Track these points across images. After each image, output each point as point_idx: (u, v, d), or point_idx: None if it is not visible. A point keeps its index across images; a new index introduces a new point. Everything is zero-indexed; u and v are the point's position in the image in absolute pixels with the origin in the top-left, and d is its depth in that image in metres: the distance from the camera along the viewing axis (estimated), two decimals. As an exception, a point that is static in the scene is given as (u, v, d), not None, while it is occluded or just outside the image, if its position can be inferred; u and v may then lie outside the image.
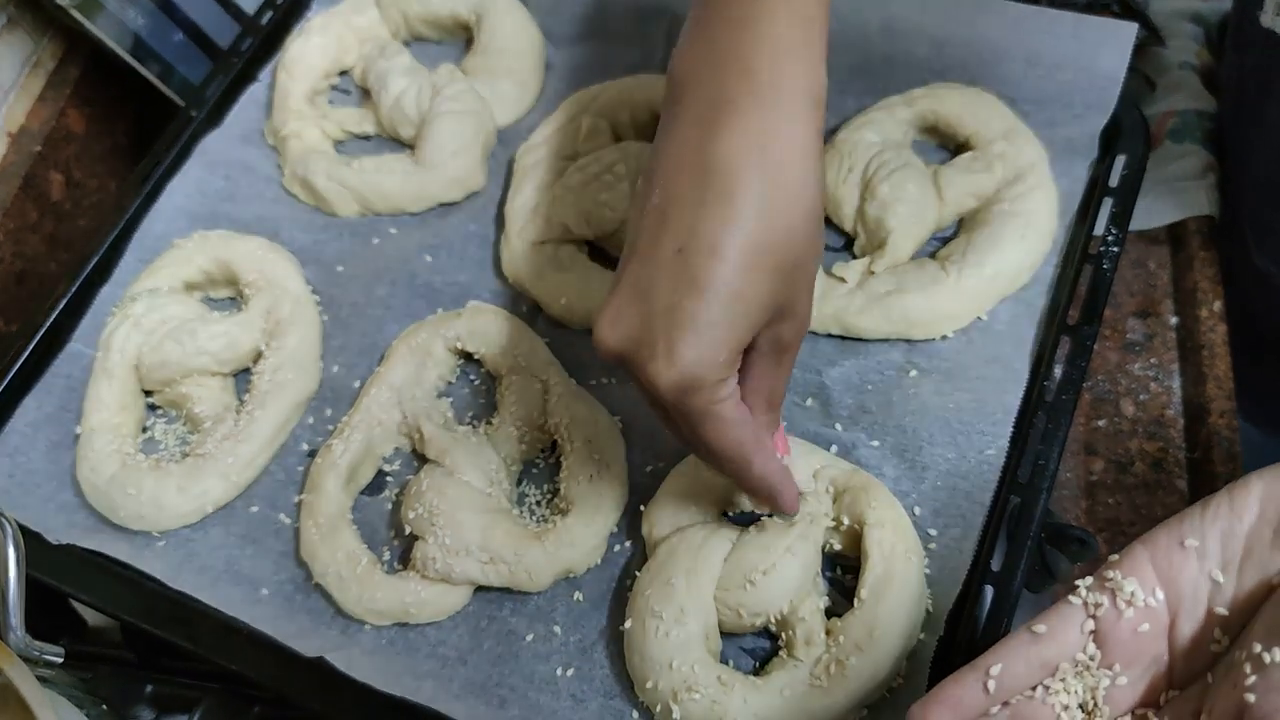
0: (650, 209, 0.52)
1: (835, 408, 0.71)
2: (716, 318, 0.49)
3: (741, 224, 0.49)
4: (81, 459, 0.76)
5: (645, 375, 0.50)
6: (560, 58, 0.92)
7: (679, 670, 0.61)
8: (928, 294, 0.71)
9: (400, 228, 0.86)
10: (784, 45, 0.52)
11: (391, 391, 0.75)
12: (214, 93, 0.93)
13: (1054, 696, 0.45)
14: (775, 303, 0.52)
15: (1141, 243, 0.91)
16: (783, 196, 0.50)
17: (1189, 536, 0.45)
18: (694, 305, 0.49)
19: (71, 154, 1.04)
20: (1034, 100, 0.78)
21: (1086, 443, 0.82)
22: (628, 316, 0.51)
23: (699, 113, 0.52)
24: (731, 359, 0.51)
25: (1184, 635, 0.45)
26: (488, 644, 0.67)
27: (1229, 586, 0.44)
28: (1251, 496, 0.44)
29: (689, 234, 0.50)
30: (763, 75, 0.52)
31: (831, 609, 0.64)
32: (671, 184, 0.51)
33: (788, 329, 0.54)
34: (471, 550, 0.67)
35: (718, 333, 0.50)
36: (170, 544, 0.74)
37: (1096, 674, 0.45)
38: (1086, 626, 0.46)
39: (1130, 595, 0.45)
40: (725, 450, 0.54)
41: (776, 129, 0.51)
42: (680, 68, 0.55)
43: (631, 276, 0.51)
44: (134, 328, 0.79)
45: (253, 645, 0.68)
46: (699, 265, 0.49)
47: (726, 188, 0.50)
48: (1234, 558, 0.44)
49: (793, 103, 0.52)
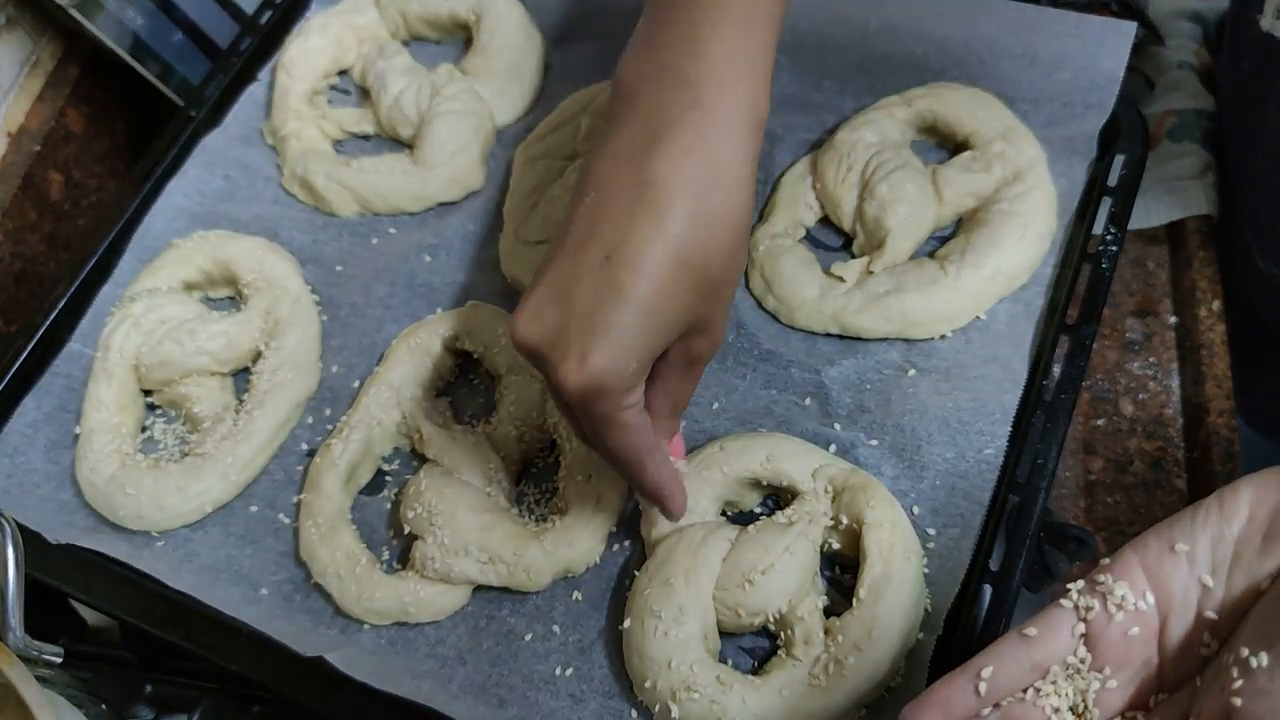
0: (582, 211, 0.53)
1: (834, 407, 0.71)
2: (632, 328, 0.51)
3: (668, 240, 0.51)
4: (81, 459, 0.76)
5: (556, 376, 0.52)
6: (559, 58, 0.93)
7: (678, 670, 0.61)
8: (926, 293, 0.71)
9: (399, 227, 0.86)
10: (730, 68, 0.53)
11: (390, 391, 0.75)
12: (213, 92, 0.93)
13: (1044, 699, 0.45)
14: (691, 319, 0.54)
15: (1140, 242, 0.91)
16: (712, 217, 0.52)
17: (1179, 541, 0.45)
18: (612, 314, 0.50)
19: (71, 154, 1.04)
20: (1033, 100, 0.78)
21: (1085, 442, 0.82)
22: (547, 315, 0.52)
23: (640, 125, 0.53)
24: (641, 370, 0.53)
25: (1173, 639, 0.45)
26: (487, 643, 0.67)
27: (1218, 591, 0.44)
28: (1241, 501, 0.44)
29: (617, 244, 0.51)
30: (706, 96, 0.53)
31: (830, 608, 0.64)
32: (606, 191, 0.53)
33: (701, 343, 0.56)
34: (470, 550, 0.67)
35: (631, 343, 0.51)
36: (169, 544, 0.75)
37: (1087, 677, 0.46)
38: (1077, 630, 0.46)
39: (1121, 599, 0.45)
40: (621, 454, 0.56)
41: (715, 151, 0.52)
42: (626, 77, 0.56)
43: (555, 276, 0.53)
44: (133, 327, 0.79)
45: (252, 645, 0.68)
46: (622, 276, 0.50)
47: (658, 202, 0.51)
48: (1223, 562, 0.44)
49: (734, 126, 0.53)
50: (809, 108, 0.83)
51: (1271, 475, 0.44)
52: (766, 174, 0.81)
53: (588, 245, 0.52)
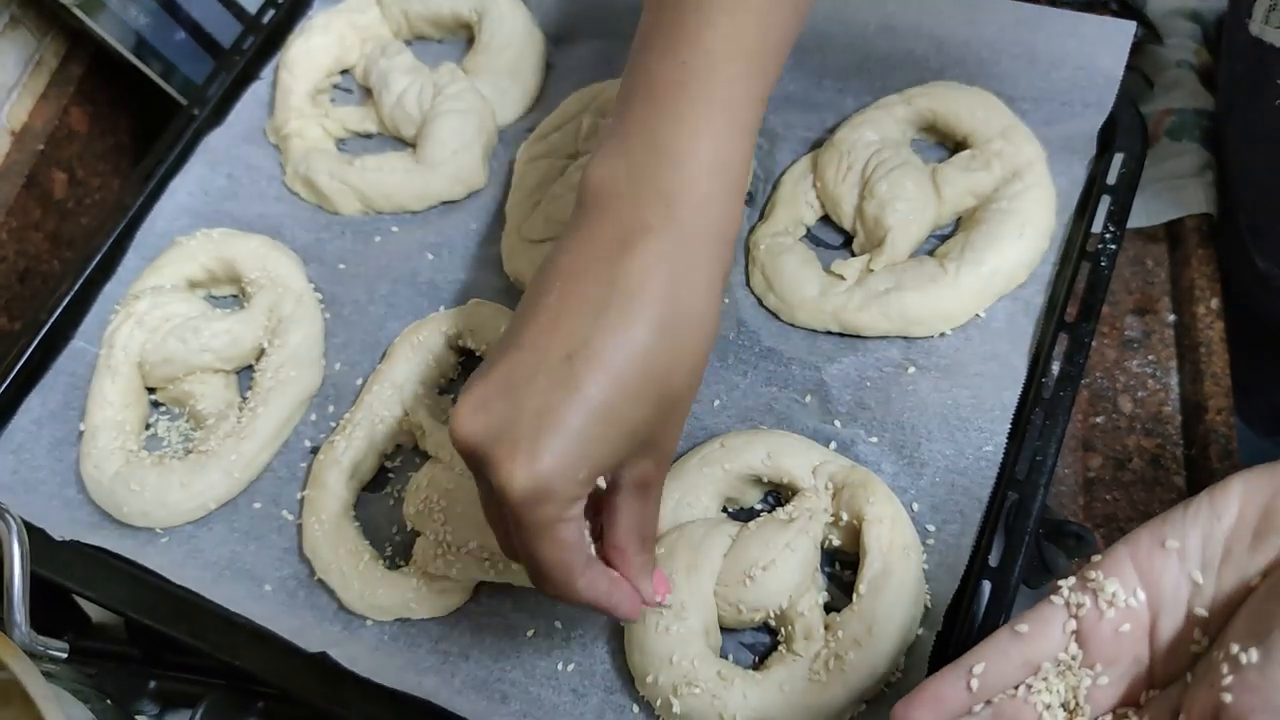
0: (544, 306, 0.51)
1: (834, 404, 0.71)
2: (587, 432, 0.48)
3: (634, 345, 0.49)
4: (85, 456, 0.77)
5: (499, 474, 0.48)
6: (561, 57, 0.93)
7: (679, 665, 0.61)
8: (926, 292, 0.71)
9: (402, 226, 0.87)
10: (707, 181, 0.52)
11: (394, 388, 0.76)
12: (216, 91, 0.93)
13: (1036, 695, 0.45)
14: (644, 434, 0.51)
15: (1139, 240, 0.91)
16: (679, 329, 0.50)
17: (1170, 537, 0.45)
18: (567, 413, 0.48)
19: (74, 152, 1.04)
20: (1032, 98, 0.78)
21: (1084, 439, 0.82)
22: (495, 408, 0.49)
23: (613, 231, 0.51)
24: (588, 479, 0.50)
25: (1164, 636, 0.45)
26: (489, 639, 0.68)
27: (1209, 588, 0.44)
28: (1231, 498, 0.44)
29: (579, 342, 0.49)
30: (680, 211, 0.51)
31: (830, 604, 0.65)
32: (572, 289, 0.51)
33: (650, 465, 0.53)
34: (473, 546, 0.67)
35: (584, 447, 0.48)
36: (173, 540, 0.75)
37: (1078, 673, 0.46)
38: (1069, 626, 0.46)
39: (1112, 596, 0.45)
40: (552, 571, 0.52)
41: (688, 264, 0.51)
42: (596, 180, 0.54)
43: (507, 368, 0.50)
44: (137, 325, 0.80)
45: (255, 641, 0.69)
46: (583, 374, 0.48)
47: (627, 307, 0.49)
48: (1213, 559, 0.44)
49: (707, 241, 0.52)
50: (809, 107, 0.83)
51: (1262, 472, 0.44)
52: (767, 173, 0.82)
53: (548, 340, 0.49)
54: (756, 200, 0.81)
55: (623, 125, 0.54)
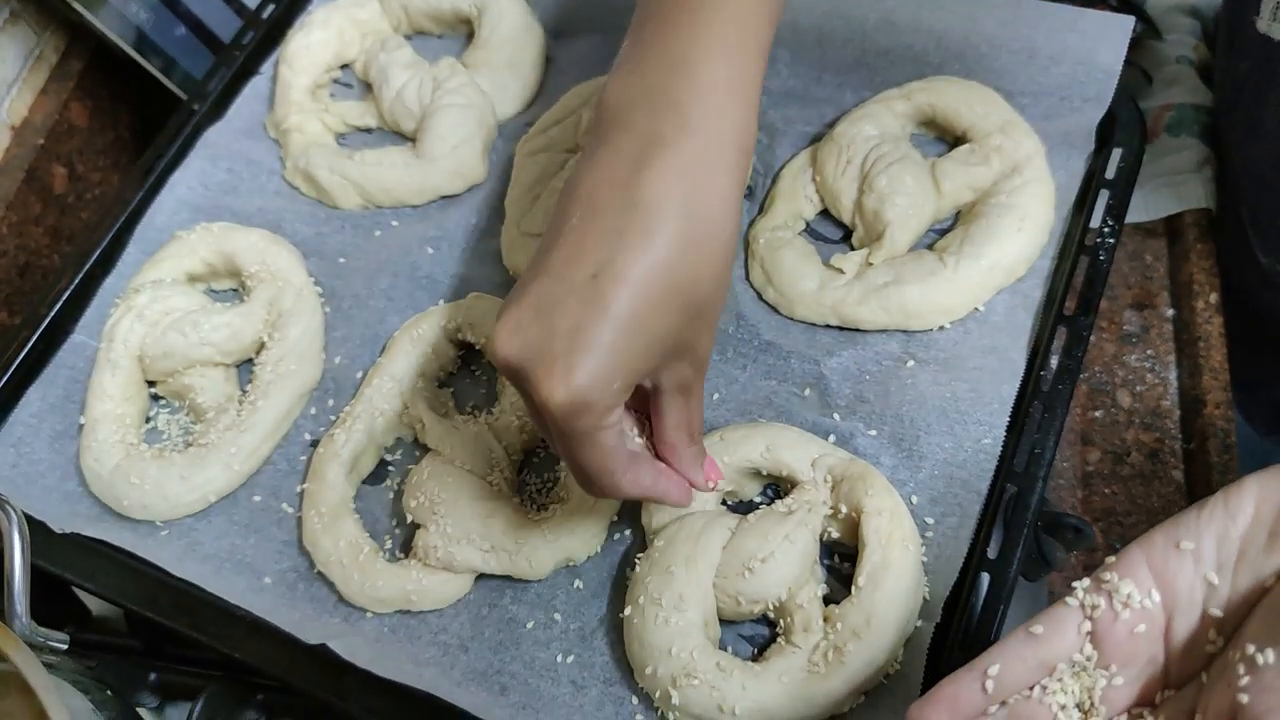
0: (568, 230, 0.52)
1: (833, 397, 0.71)
2: (617, 345, 0.50)
3: (656, 259, 0.50)
4: (85, 449, 0.77)
5: (539, 391, 0.51)
6: (561, 51, 0.93)
7: (678, 657, 0.61)
8: (925, 285, 0.71)
9: (402, 220, 0.87)
10: (721, 93, 0.53)
11: (393, 382, 0.76)
12: (216, 86, 0.93)
13: (1051, 696, 0.45)
14: (675, 341, 0.53)
15: (1138, 235, 0.91)
16: (700, 239, 0.52)
17: (1185, 539, 0.45)
18: (597, 330, 0.50)
19: (74, 147, 1.05)
20: (1031, 93, 0.78)
21: (1083, 433, 0.83)
22: (529, 331, 0.51)
23: (629, 147, 0.53)
24: (624, 388, 0.52)
25: (1179, 636, 0.45)
26: (489, 631, 0.68)
27: (1224, 588, 0.44)
28: (1246, 498, 0.44)
29: (604, 261, 0.50)
30: (695, 121, 0.52)
31: (829, 596, 0.65)
32: (594, 211, 0.52)
33: (688, 369, 0.56)
34: (472, 538, 0.68)
35: (616, 360, 0.50)
36: (173, 533, 0.75)
37: (1093, 674, 0.46)
38: (1084, 628, 0.46)
39: (1127, 597, 0.45)
40: (597, 474, 0.55)
41: (704, 174, 0.52)
42: (612, 100, 0.55)
43: (538, 291, 0.52)
44: (137, 319, 0.80)
45: (255, 633, 0.69)
46: (609, 292, 0.50)
47: (648, 223, 0.50)
48: (1229, 560, 0.44)
49: (723, 150, 0.53)
50: (809, 101, 0.83)
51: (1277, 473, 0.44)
52: (766, 167, 0.82)
53: (573, 263, 0.51)
54: (756, 194, 0.81)
55: (636, 46, 0.56)
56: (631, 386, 0.53)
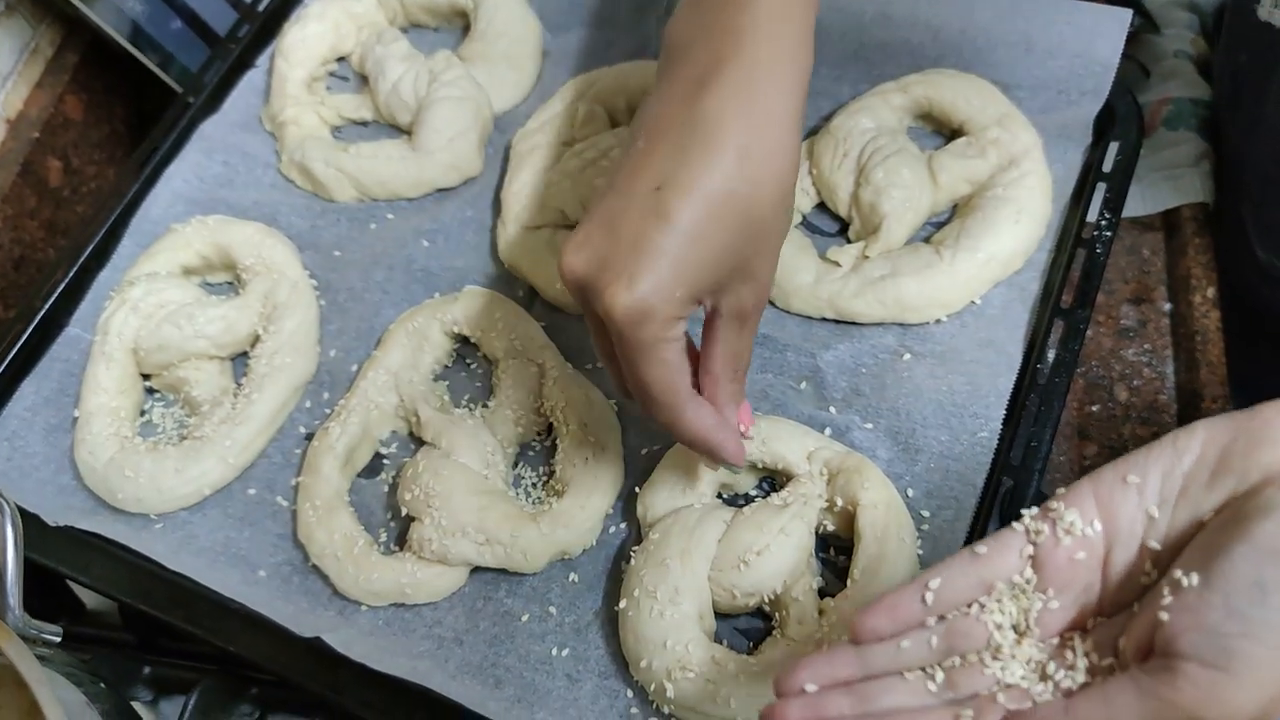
0: (634, 152, 0.55)
1: (829, 390, 0.71)
2: (679, 254, 0.52)
3: (717, 172, 0.52)
4: (80, 442, 0.77)
5: (604, 299, 0.52)
6: (557, 44, 0.93)
7: (673, 650, 0.61)
8: (922, 278, 0.71)
9: (397, 213, 0.86)
10: (775, 21, 0.55)
11: (388, 375, 0.76)
12: (212, 79, 0.93)
13: (988, 615, 0.46)
14: (735, 258, 0.54)
15: (1136, 229, 0.91)
16: (759, 156, 0.53)
17: (1132, 473, 0.46)
18: (660, 238, 0.51)
19: (69, 140, 1.04)
20: (1028, 86, 0.78)
21: (1080, 427, 0.82)
22: (595, 243, 0.53)
23: (690, 73, 0.55)
24: (686, 298, 0.53)
25: (1117, 566, 0.46)
26: (484, 624, 0.68)
27: (1163, 522, 0.45)
28: (1195, 440, 0.45)
29: (667, 175, 0.52)
30: (751, 44, 0.54)
31: (825, 589, 0.65)
32: (657, 133, 0.54)
33: (748, 293, 0.56)
34: (467, 531, 0.67)
35: (678, 268, 0.52)
36: (168, 526, 0.75)
37: (1031, 597, 0.47)
38: (1025, 551, 0.47)
39: (1070, 525, 0.46)
40: (660, 393, 0.56)
41: (762, 94, 0.54)
42: (673, 35, 0.58)
43: (604, 209, 0.54)
44: (132, 312, 0.79)
45: (250, 626, 0.69)
46: (671, 203, 0.51)
47: (708, 139, 0.52)
48: (1171, 496, 0.45)
49: (780, 73, 0.55)
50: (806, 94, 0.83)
51: (1225, 418, 0.45)
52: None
53: (638, 178, 0.53)
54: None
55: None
56: (693, 300, 0.54)
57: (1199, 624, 0.40)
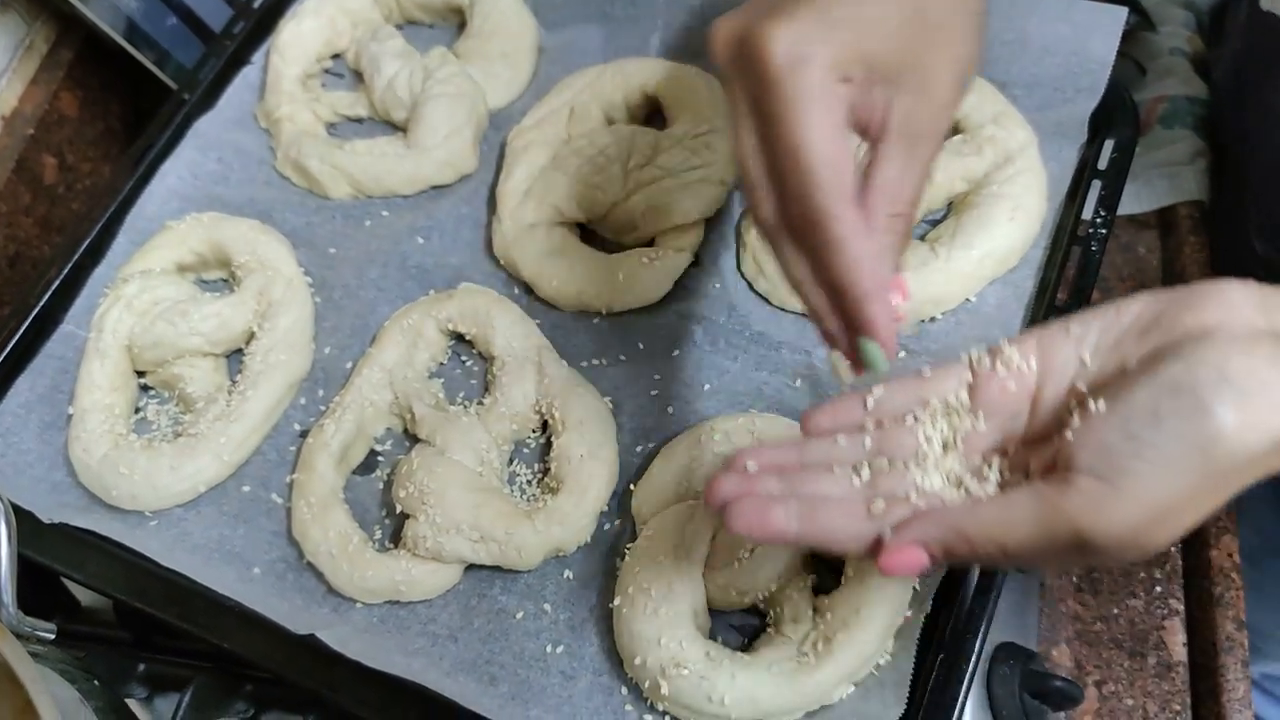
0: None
1: (825, 388, 0.71)
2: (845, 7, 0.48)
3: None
4: (74, 439, 0.77)
5: (759, 41, 0.47)
6: (553, 41, 0.93)
7: (667, 647, 0.61)
8: (917, 276, 0.71)
9: (392, 210, 0.86)
10: None
11: (383, 372, 0.76)
12: (207, 76, 0.93)
13: (920, 426, 0.51)
14: (906, 39, 0.50)
15: (1132, 227, 0.91)
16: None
17: (1074, 325, 0.50)
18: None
19: (64, 137, 1.04)
20: (1024, 84, 0.78)
21: (1075, 425, 0.82)
22: (749, 10, 0.50)
23: None
24: (842, 51, 0.48)
25: (1046, 402, 0.50)
26: (478, 622, 0.68)
27: (1093, 367, 0.49)
28: (1136, 304, 0.48)
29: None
30: None
31: (819, 586, 0.65)
32: None
33: (922, 109, 0.50)
34: (462, 528, 0.67)
35: (840, 11, 0.48)
36: (162, 523, 0.75)
37: (962, 417, 0.51)
38: (964, 378, 0.52)
39: (1008, 359, 0.50)
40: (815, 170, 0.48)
41: None
42: None
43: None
44: (126, 309, 0.79)
45: (244, 624, 0.69)
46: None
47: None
48: (1104, 346, 0.49)
49: None
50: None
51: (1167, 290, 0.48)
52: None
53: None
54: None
55: None
56: (852, 58, 0.49)
57: (1096, 442, 0.44)
